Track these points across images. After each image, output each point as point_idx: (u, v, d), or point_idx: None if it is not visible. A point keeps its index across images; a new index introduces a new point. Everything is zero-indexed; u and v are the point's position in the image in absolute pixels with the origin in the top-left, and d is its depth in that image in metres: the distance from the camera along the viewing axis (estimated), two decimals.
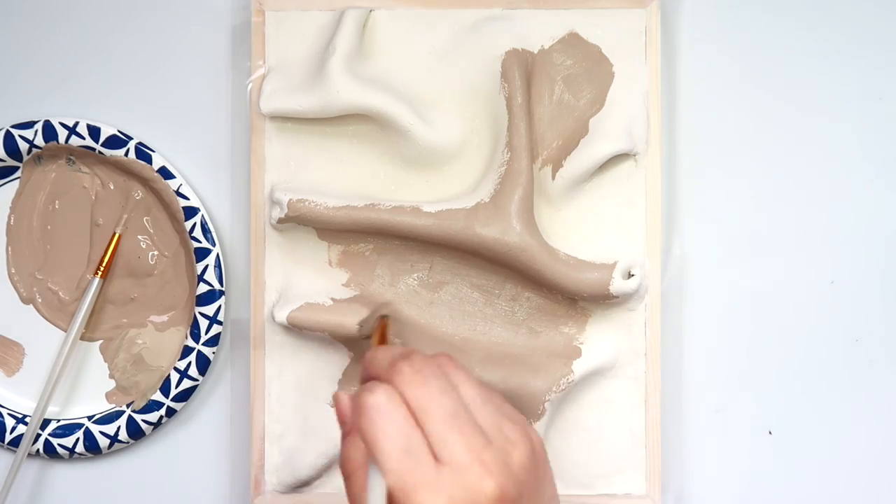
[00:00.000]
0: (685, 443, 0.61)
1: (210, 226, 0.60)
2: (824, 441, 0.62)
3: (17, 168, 0.62)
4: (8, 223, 0.63)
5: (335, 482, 0.61)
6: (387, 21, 0.60)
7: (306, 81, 0.59)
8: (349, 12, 0.59)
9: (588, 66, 0.60)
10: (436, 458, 0.41)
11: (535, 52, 0.60)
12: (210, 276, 0.60)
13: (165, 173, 0.60)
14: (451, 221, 0.58)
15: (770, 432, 0.62)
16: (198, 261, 0.61)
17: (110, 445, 0.62)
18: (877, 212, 0.61)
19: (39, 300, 0.63)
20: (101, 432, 0.62)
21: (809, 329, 0.61)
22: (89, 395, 0.63)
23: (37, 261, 0.63)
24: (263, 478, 0.61)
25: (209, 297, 0.61)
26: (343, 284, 0.61)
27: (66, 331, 0.62)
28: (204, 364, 0.61)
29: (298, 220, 0.59)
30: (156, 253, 0.62)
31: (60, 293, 0.63)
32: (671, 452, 0.61)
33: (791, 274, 0.61)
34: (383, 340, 0.56)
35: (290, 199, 0.58)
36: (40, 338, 0.63)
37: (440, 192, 0.60)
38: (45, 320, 0.63)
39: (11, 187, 0.63)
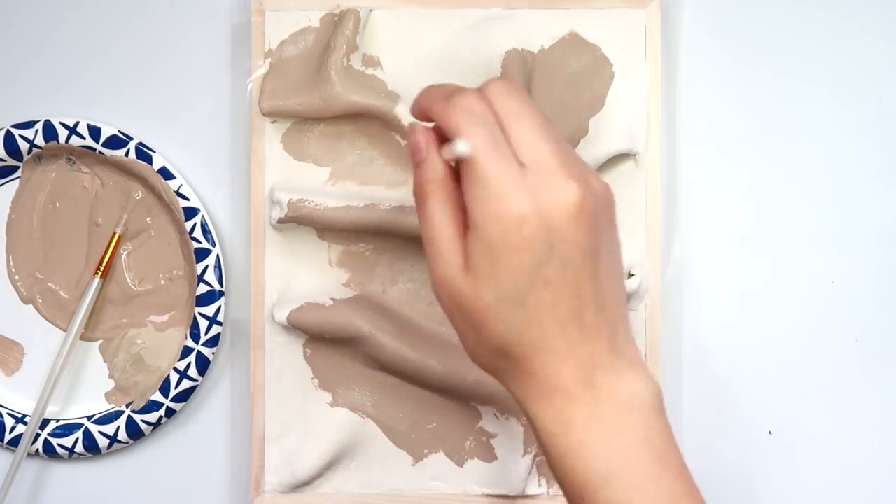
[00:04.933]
0: (685, 443, 0.61)
1: (210, 226, 0.60)
2: (824, 441, 0.61)
3: (17, 168, 0.62)
4: (8, 223, 0.63)
5: (335, 482, 0.61)
6: (387, 21, 0.60)
7: (306, 81, 0.59)
8: (349, 12, 0.59)
9: (588, 66, 0.60)
10: (520, 162, 0.42)
11: (535, 52, 0.60)
12: (210, 276, 0.60)
13: (166, 173, 0.60)
14: None
15: (770, 432, 0.62)
16: (198, 261, 0.60)
17: (109, 445, 0.62)
18: (877, 212, 0.61)
19: (39, 300, 0.63)
20: (101, 432, 0.62)
21: (809, 329, 0.61)
22: (89, 395, 0.63)
23: (37, 260, 0.63)
24: (263, 478, 0.61)
25: (209, 297, 0.61)
26: (343, 284, 0.61)
27: (65, 330, 0.62)
28: (203, 364, 0.61)
29: (298, 220, 0.59)
30: None
31: (60, 293, 0.63)
32: None
33: (791, 274, 0.61)
34: None
35: (290, 199, 0.59)
36: (40, 337, 0.63)
37: None
38: (44, 320, 0.63)
39: (11, 187, 0.63)
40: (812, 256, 0.61)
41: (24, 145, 0.61)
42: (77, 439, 0.62)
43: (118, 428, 0.62)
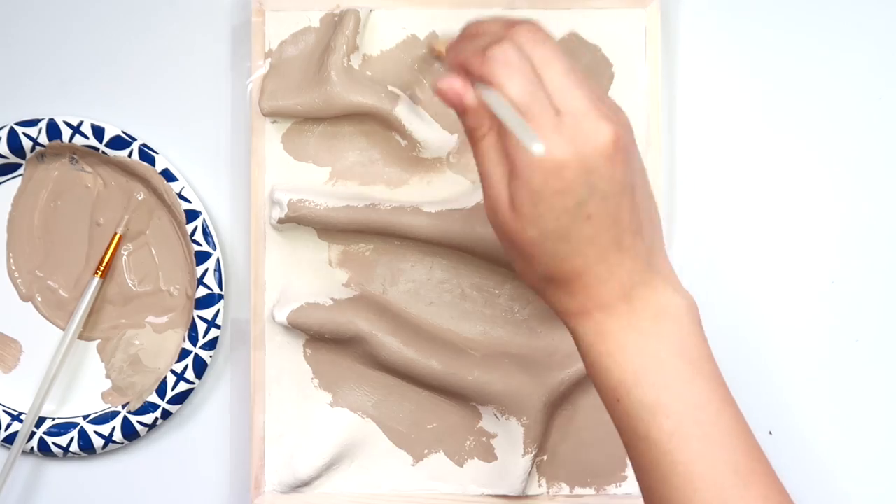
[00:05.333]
0: None
1: (211, 229, 0.60)
2: (824, 441, 0.61)
3: (19, 165, 0.62)
4: (9, 220, 0.63)
5: (335, 482, 0.61)
6: (387, 21, 0.60)
7: (306, 81, 0.59)
8: (349, 12, 0.59)
9: (588, 66, 0.60)
10: (556, 109, 0.44)
11: None
12: (210, 279, 0.60)
13: (168, 175, 0.60)
14: (451, 221, 0.58)
15: (770, 432, 0.62)
16: (198, 264, 0.60)
17: (105, 445, 0.62)
18: (877, 212, 0.61)
19: (38, 298, 0.63)
20: (96, 432, 0.61)
21: (809, 329, 0.61)
22: (85, 395, 0.63)
23: (37, 258, 0.63)
24: (263, 478, 0.60)
25: (208, 300, 0.60)
26: (343, 284, 0.61)
27: (64, 329, 0.62)
28: (200, 367, 0.61)
29: (298, 220, 0.59)
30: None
31: (60, 291, 0.62)
32: None
33: (791, 274, 0.61)
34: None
35: (291, 199, 0.58)
36: (38, 335, 0.63)
37: (440, 192, 0.60)
38: (43, 318, 0.63)
39: (14, 184, 0.63)
40: (812, 256, 0.61)
41: (27, 143, 0.61)
42: (72, 438, 0.62)
43: (114, 428, 0.61)
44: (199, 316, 0.61)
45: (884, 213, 0.61)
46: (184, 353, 0.61)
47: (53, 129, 0.61)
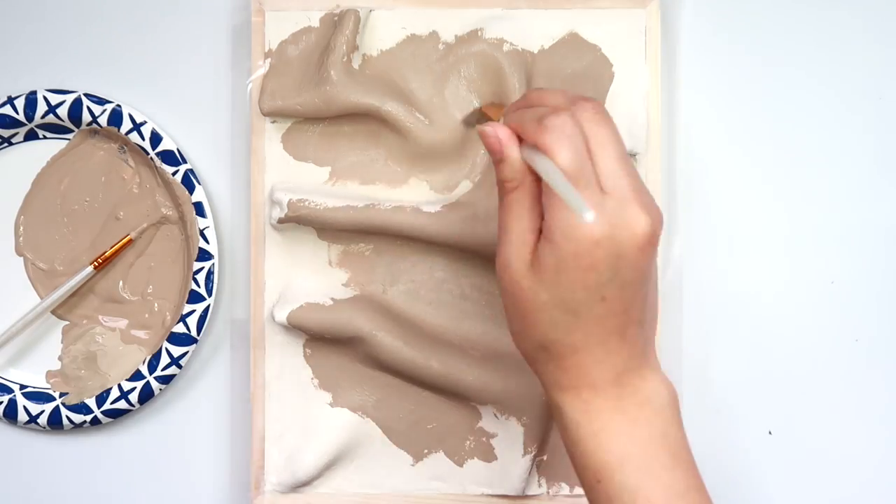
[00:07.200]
0: None
1: (215, 279, 0.60)
2: (824, 441, 0.61)
3: (71, 131, 0.62)
4: (38, 175, 0.62)
5: (335, 482, 0.61)
6: (387, 21, 0.60)
7: (306, 81, 0.59)
8: (349, 12, 0.59)
9: (588, 66, 0.60)
10: (601, 189, 0.45)
11: (535, 52, 0.60)
12: (192, 319, 0.60)
13: (199, 209, 0.60)
14: (451, 221, 0.58)
15: (770, 432, 0.62)
16: (189, 302, 0.61)
17: (28, 422, 0.61)
18: (877, 212, 0.61)
19: (30, 257, 0.62)
20: (25, 407, 0.61)
21: (809, 329, 0.61)
22: (32, 366, 0.62)
23: (46, 221, 0.62)
24: (263, 478, 0.60)
25: (183, 339, 0.61)
26: (343, 284, 0.61)
27: (41, 298, 0.62)
28: (146, 396, 0.61)
29: (298, 220, 0.59)
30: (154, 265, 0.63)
31: (55, 263, 0.62)
32: None
33: (791, 274, 0.61)
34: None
35: (291, 199, 0.58)
36: (14, 293, 0.62)
37: (440, 192, 0.60)
38: (27, 279, 0.62)
39: (58, 145, 0.62)
40: (812, 256, 0.61)
41: (87, 117, 0.60)
42: (1, 402, 0.61)
43: (42, 411, 0.61)
44: (167, 349, 0.61)
45: (884, 213, 0.61)
46: (137, 375, 0.61)
47: (116, 117, 0.60)
